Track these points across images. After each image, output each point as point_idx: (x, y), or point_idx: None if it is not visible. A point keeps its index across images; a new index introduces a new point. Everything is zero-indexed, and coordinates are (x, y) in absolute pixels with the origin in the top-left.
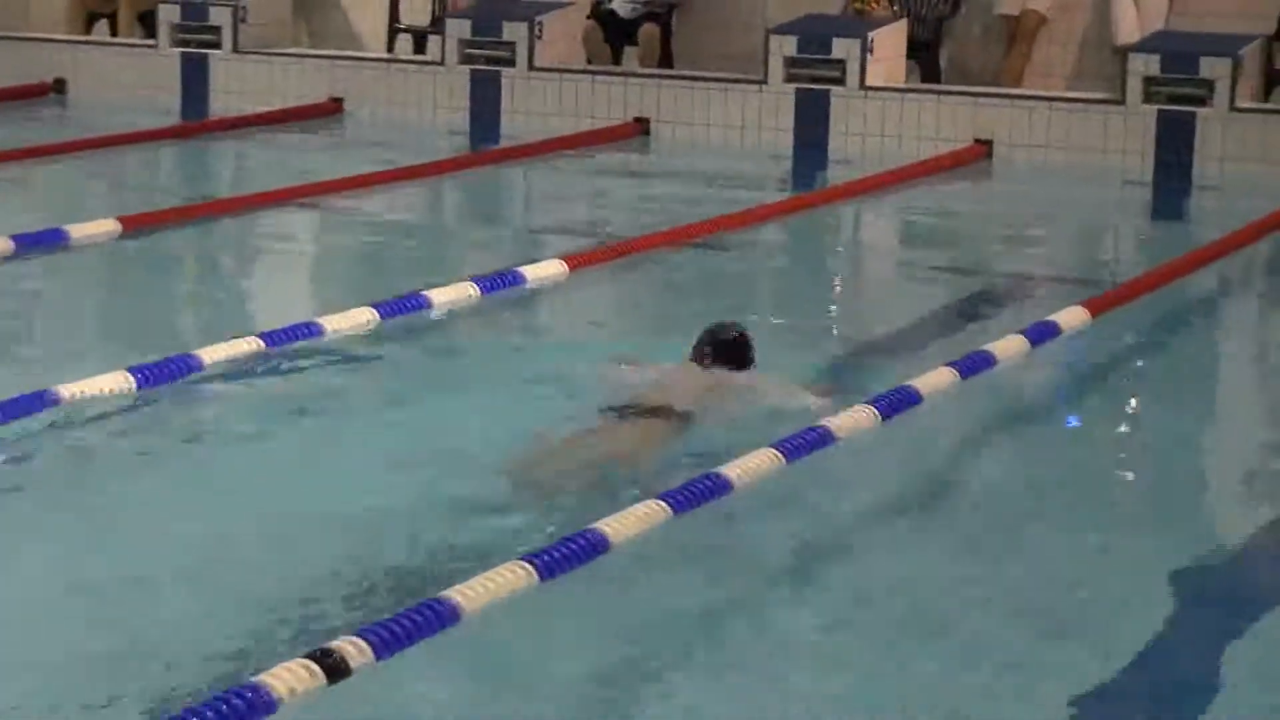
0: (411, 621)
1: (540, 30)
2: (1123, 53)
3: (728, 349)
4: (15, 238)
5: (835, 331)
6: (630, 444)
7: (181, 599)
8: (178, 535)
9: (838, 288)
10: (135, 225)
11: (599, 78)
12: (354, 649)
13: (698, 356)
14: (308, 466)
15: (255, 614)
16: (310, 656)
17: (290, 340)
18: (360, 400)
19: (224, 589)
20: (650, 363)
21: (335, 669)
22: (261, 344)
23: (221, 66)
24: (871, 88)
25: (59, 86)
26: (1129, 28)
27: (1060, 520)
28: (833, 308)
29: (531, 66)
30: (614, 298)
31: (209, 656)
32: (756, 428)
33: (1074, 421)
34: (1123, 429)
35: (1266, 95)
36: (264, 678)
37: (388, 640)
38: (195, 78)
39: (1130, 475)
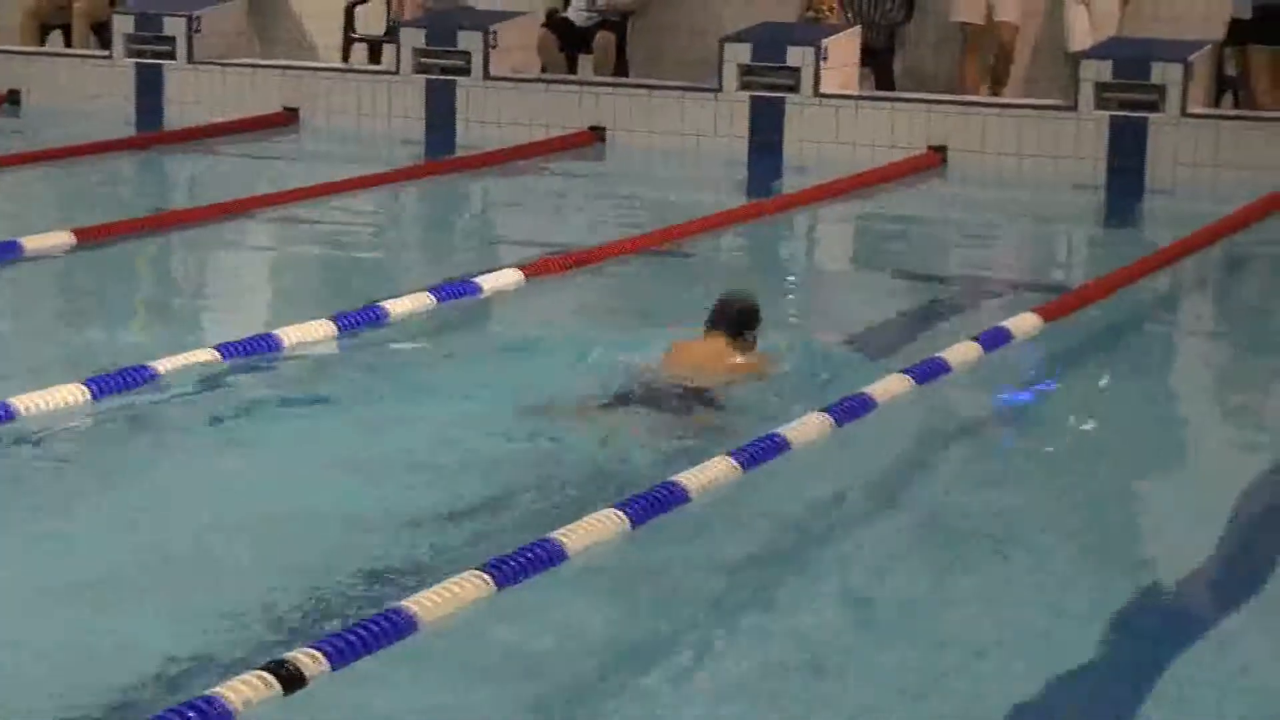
0: (368, 631)
1: (495, 39)
2: (1075, 59)
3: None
4: None
5: (790, 338)
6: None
7: (136, 610)
8: (131, 546)
9: (792, 295)
10: (89, 237)
11: (554, 86)
12: (309, 660)
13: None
14: (264, 477)
15: (212, 625)
16: (266, 668)
17: (246, 353)
18: (317, 410)
19: (180, 600)
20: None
21: (291, 679)
22: (217, 356)
23: (176, 77)
24: (826, 95)
25: (13, 97)
26: (1081, 35)
27: (1010, 526)
28: (788, 314)
29: (486, 75)
30: (571, 306)
31: (164, 668)
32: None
33: (1027, 427)
34: (1075, 435)
35: (1217, 100)
36: (220, 689)
37: (343, 650)
38: (150, 88)
39: (1082, 483)
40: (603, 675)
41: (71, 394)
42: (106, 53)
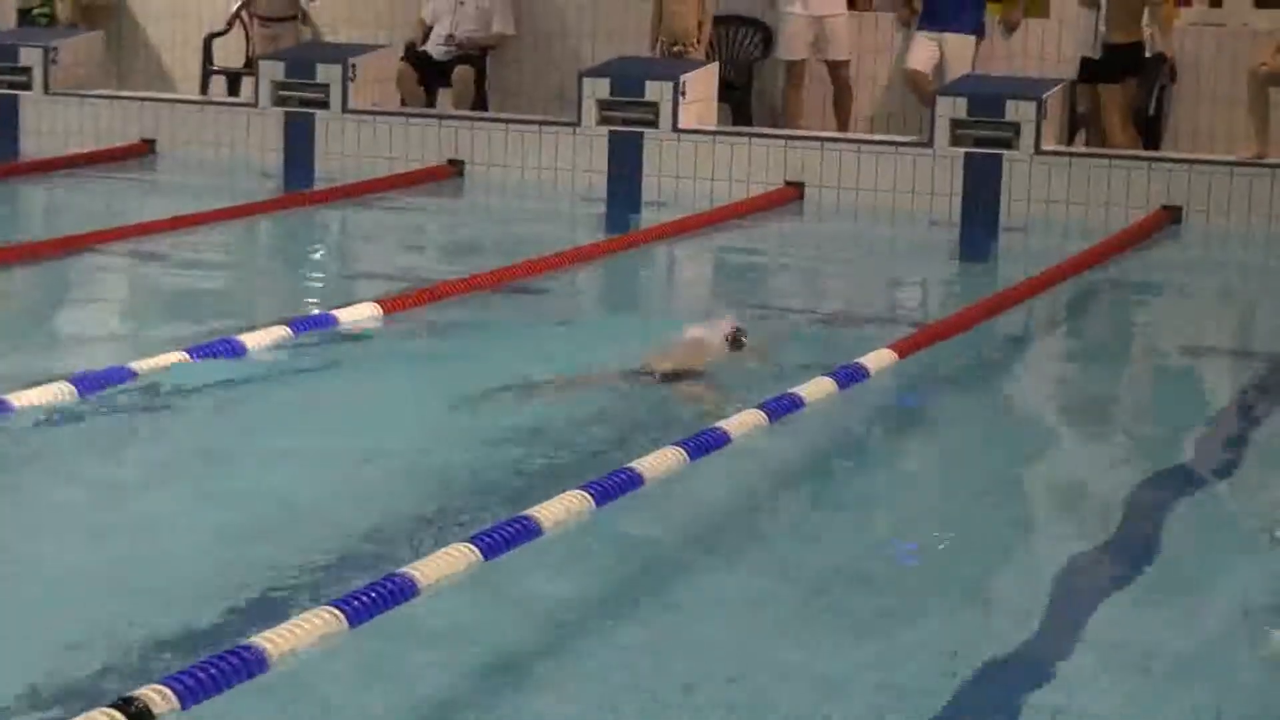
0: (217, 669)
1: (354, 72)
2: (930, 96)
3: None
4: None
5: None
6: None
7: None
8: None
9: (647, 329)
10: None
11: (413, 119)
12: (158, 696)
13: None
14: (116, 509)
15: (62, 658)
16: (114, 705)
17: (101, 385)
18: (172, 444)
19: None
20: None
21: (139, 717)
22: (73, 389)
23: (32, 107)
24: (684, 130)
25: None
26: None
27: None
28: (643, 349)
29: (345, 108)
30: (428, 341)
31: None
32: None
33: (880, 463)
34: (928, 471)
35: (1070, 138)
36: None
37: (193, 688)
38: (5, 118)
39: (931, 518)
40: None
41: None
42: None
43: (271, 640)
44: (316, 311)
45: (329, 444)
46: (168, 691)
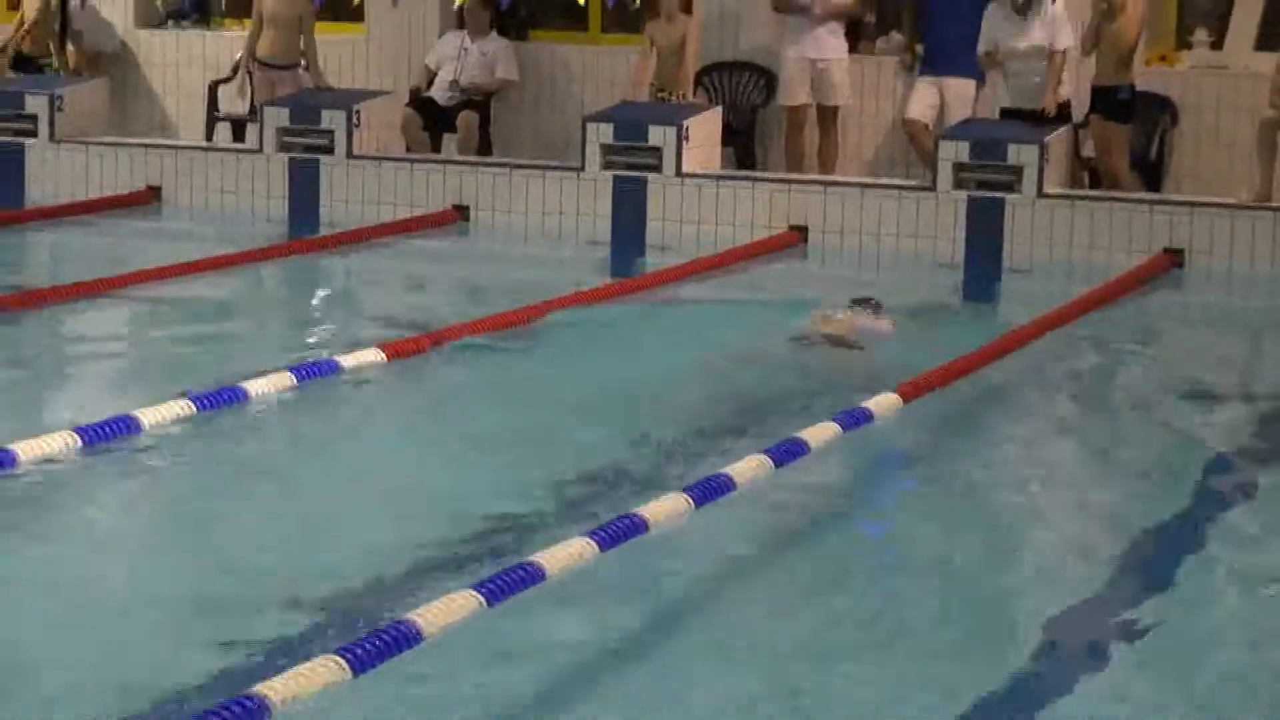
0: (219, 717)
1: (358, 118)
2: (928, 147)
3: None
4: None
5: (653, 414)
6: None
7: None
8: None
9: (654, 373)
10: None
11: (418, 165)
12: None
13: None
14: (124, 555)
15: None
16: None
17: (107, 435)
18: (169, 493)
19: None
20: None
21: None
22: (77, 438)
23: (38, 154)
24: (687, 174)
25: None
26: (920, 107)
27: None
28: (650, 392)
29: (350, 154)
30: (432, 385)
31: None
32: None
33: (886, 507)
34: (933, 515)
35: (1073, 181)
36: None
37: None
38: (12, 167)
39: (939, 566)
40: None
41: None
42: None
43: (274, 688)
44: (321, 356)
45: (337, 488)
46: None
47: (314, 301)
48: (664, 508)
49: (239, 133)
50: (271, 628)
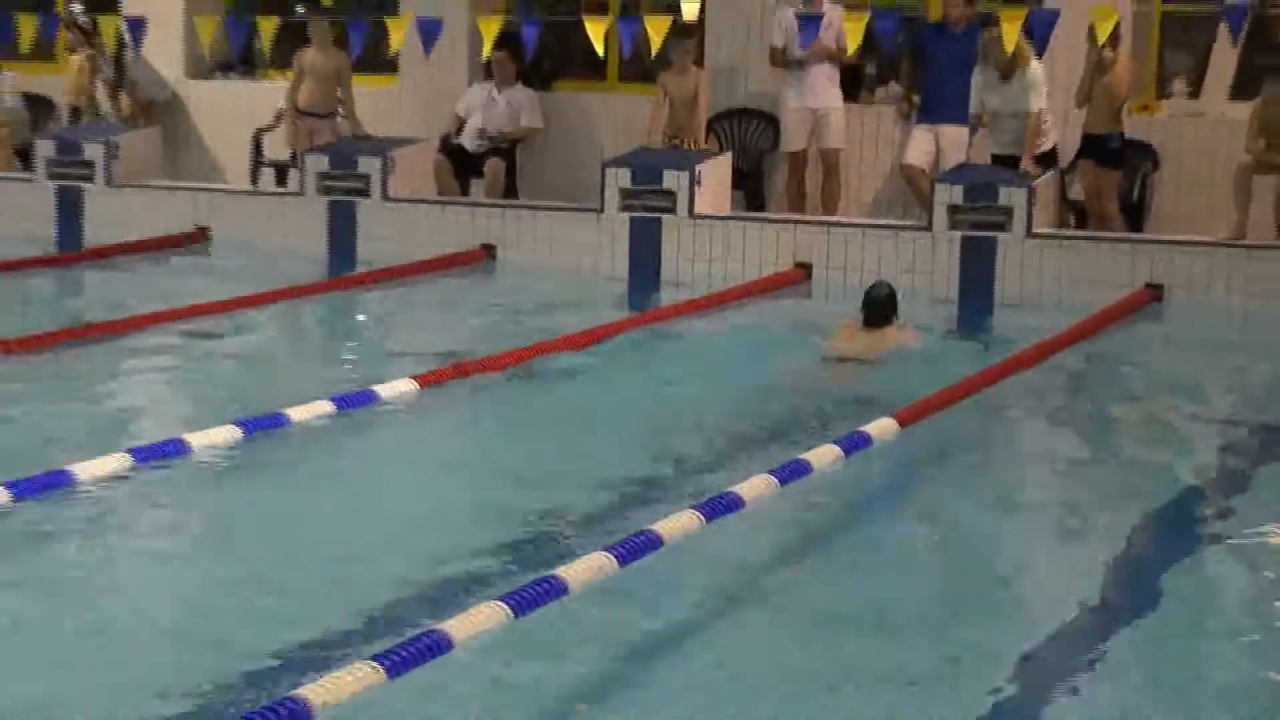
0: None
1: (393, 164)
2: (925, 190)
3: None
4: None
5: (669, 438)
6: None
7: None
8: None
9: (667, 401)
10: (8, 349)
11: (448, 207)
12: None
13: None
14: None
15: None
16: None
17: (158, 456)
18: (222, 509)
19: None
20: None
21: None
22: (130, 459)
23: (95, 198)
24: (700, 215)
25: None
26: (917, 154)
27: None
28: (666, 418)
29: (385, 197)
30: (461, 412)
31: None
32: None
33: (883, 525)
34: (928, 533)
35: (1060, 222)
36: None
37: None
38: (71, 209)
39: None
40: None
41: None
42: (29, 175)
43: (315, 691)
44: (359, 386)
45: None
46: None
47: (352, 334)
48: (677, 525)
49: (282, 177)
50: (313, 634)
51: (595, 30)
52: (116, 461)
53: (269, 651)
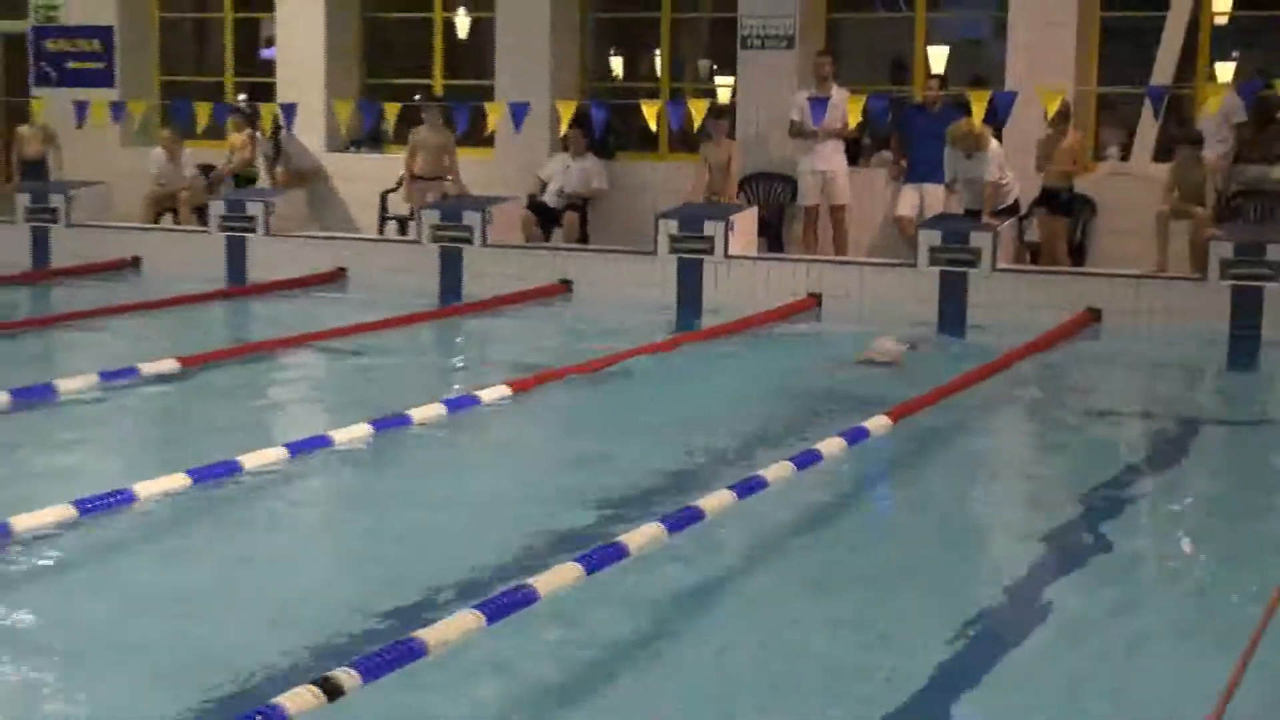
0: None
1: (490, 217)
2: (913, 236)
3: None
4: (102, 374)
5: (707, 433)
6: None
7: None
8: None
9: (710, 402)
10: (190, 363)
11: (534, 251)
12: (345, 677)
13: None
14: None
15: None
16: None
17: (309, 449)
18: (359, 493)
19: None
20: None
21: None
22: (286, 453)
23: (256, 246)
24: (733, 256)
25: (135, 262)
26: (905, 207)
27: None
28: (704, 414)
29: (484, 243)
30: (545, 413)
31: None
32: None
33: (882, 508)
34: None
35: (1018, 259)
36: None
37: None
38: (237, 254)
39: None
40: None
41: (177, 482)
42: (205, 228)
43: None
44: (464, 392)
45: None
46: (353, 672)
47: (458, 352)
48: (716, 501)
49: (403, 228)
50: (423, 593)
51: (649, 111)
52: (275, 454)
53: (401, 605)
